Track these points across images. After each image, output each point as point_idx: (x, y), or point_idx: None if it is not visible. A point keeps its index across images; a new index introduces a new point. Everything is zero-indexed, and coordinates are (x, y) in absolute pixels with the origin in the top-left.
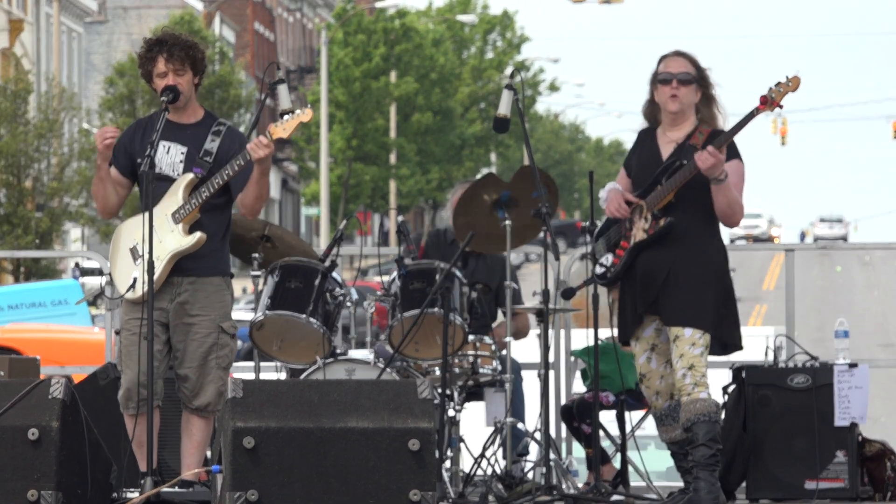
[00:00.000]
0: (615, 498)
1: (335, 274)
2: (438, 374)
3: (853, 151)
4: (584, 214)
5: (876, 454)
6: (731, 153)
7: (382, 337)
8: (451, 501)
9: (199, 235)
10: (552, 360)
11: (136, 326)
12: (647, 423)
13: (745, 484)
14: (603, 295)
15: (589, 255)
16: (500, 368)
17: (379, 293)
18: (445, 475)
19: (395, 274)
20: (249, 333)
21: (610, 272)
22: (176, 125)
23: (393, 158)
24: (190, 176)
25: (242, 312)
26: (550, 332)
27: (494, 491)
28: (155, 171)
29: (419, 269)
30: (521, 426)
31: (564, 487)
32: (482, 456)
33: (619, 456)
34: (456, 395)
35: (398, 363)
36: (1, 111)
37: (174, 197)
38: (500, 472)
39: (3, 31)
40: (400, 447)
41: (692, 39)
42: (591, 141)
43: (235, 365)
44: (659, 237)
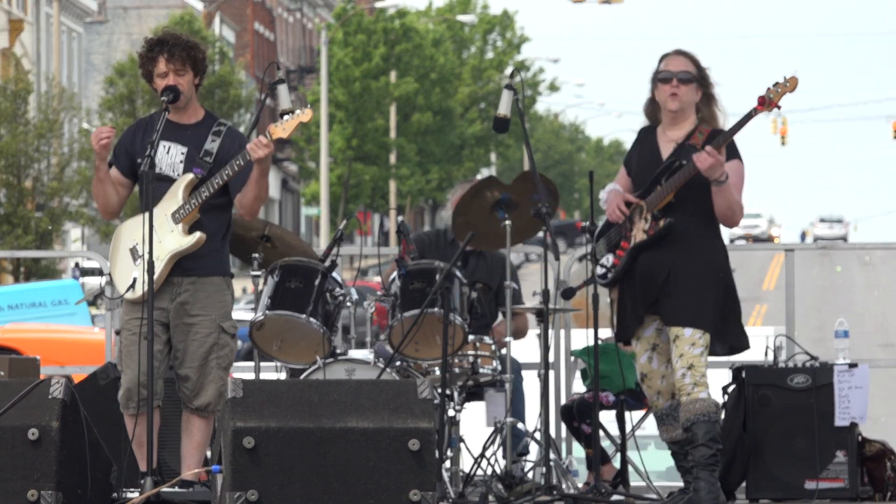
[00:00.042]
0: (615, 498)
1: (335, 274)
2: (438, 374)
3: (853, 151)
4: (584, 214)
5: (876, 454)
6: (730, 153)
7: (382, 337)
8: (451, 501)
9: (198, 235)
10: (552, 360)
11: (136, 326)
12: (647, 423)
13: (745, 484)
14: (603, 295)
15: (589, 255)
16: (500, 368)
17: (379, 293)
18: (445, 475)
19: (394, 274)
20: (249, 333)
21: (610, 273)
22: (176, 125)
23: (393, 158)
24: (190, 176)
25: (242, 312)
26: (550, 332)
27: (494, 491)
28: (155, 171)
29: (419, 269)
30: (521, 426)
31: (564, 487)
32: (482, 456)
33: (619, 456)
34: (456, 395)
35: (398, 363)
36: (1, 111)
37: (174, 197)
38: (500, 472)
39: (3, 31)
40: (400, 447)
41: (692, 39)
42: (591, 141)
43: (235, 365)
44: (659, 238)
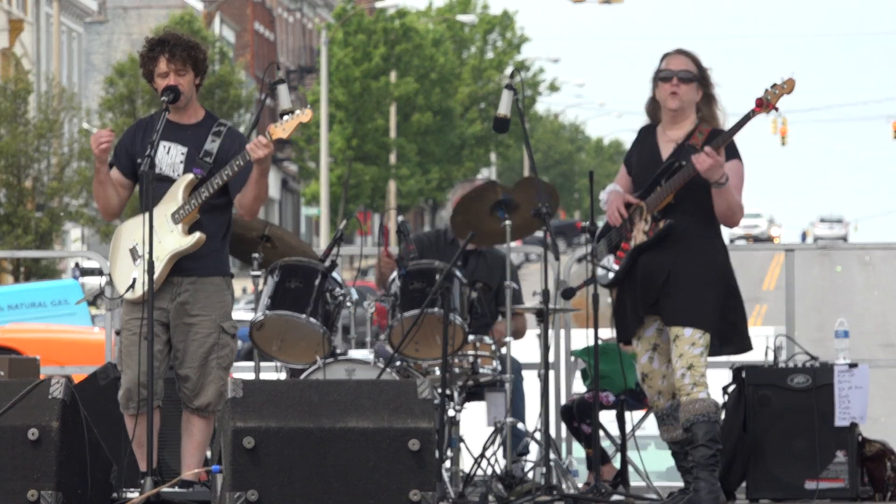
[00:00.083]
0: (615, 498)
1: (335, 274)
2: (438, 374)
3: (853, 151)
4: (584, 214)
5: (876, 454)
6: (730, 153)
7: (382, 337)
8: (451, 501)
9: (198, 236)
10: (552, 360)
11: (136, 326)
12: (647, 423)
13: (745, 484)
14: (603, 295)
15: (589, 255)
16: (500, 368)
17: (379, 293)
18: (445, 475)
19: (394, 274)
20: (249, 333)
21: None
22: (176, 125)
23: (393, 158)
24: (190, 176)
25: (242, 312)
26: (550, 332)
27: (494, 491)
28: (155, 171)
29: (419, 269)
30: (521, 426)
31: (564, 487)
32: (482, 456)
33: (619, 456)
34: (456, 395)
35: (398, 363)
36: (1, 111)
37: (174, 197)
38: (500, 472)
39: (3, 31)
40: (400, 447)
41: (692, 39)
42: (591, 141)
43: (235, 365)
44: (658, 240)
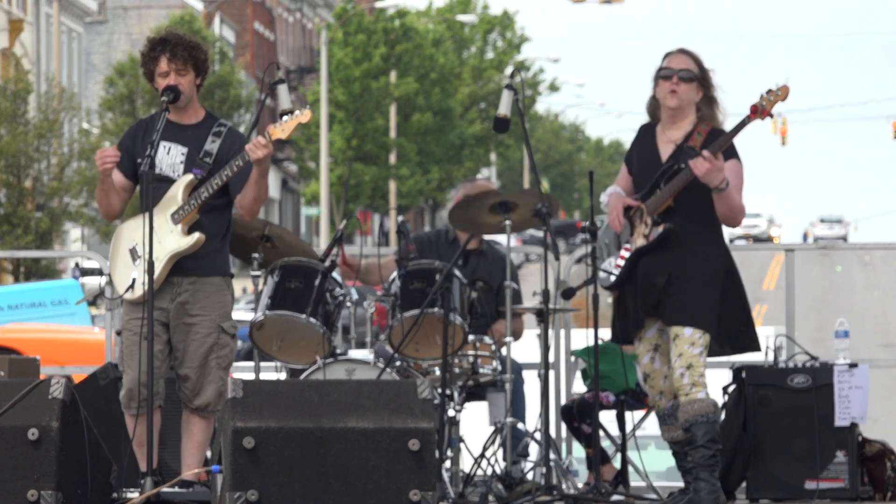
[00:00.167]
0: (615, 498)
1: (335, 274)
2: (438, 374)
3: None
4: (584, 214)
5: (876, 454)
6: (729, 153)
7: (382, 337)
8: (451, 501)
9: (197, 236)
10: (552, 360)
11: (136, 327)
12: (647, 423)
13: (745, 484)
14: (603, 295)
15: (589, 256)
16: (500, 368)
17: (379, 293)
18: (445, 475)
19: (394, 274)
20: (249, 333)
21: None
22: (177, 126)
23: (393, 158)
24: (189, 177)
25: (242, 312)
26: (550, 332)
27: (494, 491)
28: (155, 171)
29: (419, 269)
30: (521, 426)
31: (564, 487)
32: (482, 456)
33: (619, 456)
34: (456, 395)
35: (398, 363)
36: (1, 111)
37: (174, 198)
38: (500, 472)
39: (3, 31)
40: (400, 447)
41: (692, 39)
42: (591, 141)
43: (235, 365)
44: (658, 243)
